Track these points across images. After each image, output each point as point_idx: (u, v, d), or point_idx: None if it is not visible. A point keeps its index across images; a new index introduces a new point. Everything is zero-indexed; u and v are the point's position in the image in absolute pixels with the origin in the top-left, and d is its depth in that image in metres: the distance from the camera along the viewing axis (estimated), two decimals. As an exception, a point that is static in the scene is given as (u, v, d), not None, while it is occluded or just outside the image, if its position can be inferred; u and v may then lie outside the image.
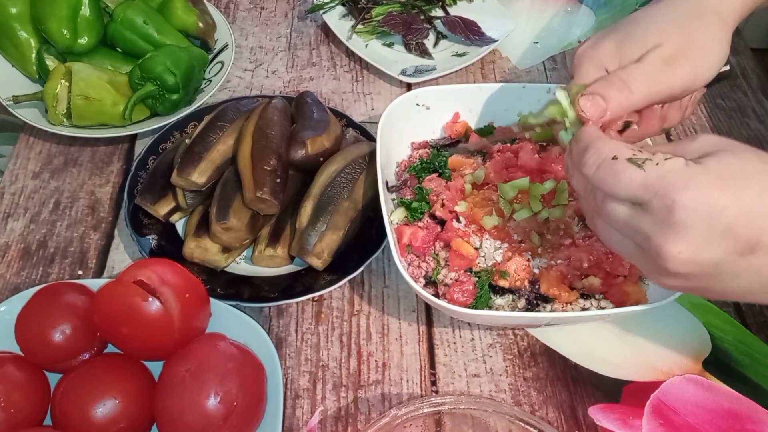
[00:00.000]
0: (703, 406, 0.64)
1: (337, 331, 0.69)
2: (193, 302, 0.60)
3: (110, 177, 0.81)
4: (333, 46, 0.98)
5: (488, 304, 0.64)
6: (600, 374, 0.67)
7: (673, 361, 0.68)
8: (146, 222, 0.73)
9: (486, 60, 0.97)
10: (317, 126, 0.75)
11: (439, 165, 0.73)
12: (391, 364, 0.67)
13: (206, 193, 0.73)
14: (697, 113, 0.93)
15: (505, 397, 0.66)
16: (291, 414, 0.64)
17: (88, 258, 0.74)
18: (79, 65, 0.81)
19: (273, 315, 0.70)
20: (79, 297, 0.61)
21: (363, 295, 0.72)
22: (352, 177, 0.73)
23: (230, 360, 0.57)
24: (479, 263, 0.65)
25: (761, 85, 0.97)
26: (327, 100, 0.91)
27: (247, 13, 1.03)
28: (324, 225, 0.69)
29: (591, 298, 0.65)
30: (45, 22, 0.82)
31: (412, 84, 0.92)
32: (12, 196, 0.79)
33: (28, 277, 0.72)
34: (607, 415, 0.64)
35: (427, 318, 0.71)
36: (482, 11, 1.00)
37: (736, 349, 0.69)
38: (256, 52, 0.97)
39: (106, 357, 0.61)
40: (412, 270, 0.67)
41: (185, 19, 0.89)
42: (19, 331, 0.59)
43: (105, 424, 0.55)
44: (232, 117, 0.76)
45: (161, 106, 0.82)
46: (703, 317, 0.71)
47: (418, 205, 0.69)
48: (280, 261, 0.71)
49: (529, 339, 0.70)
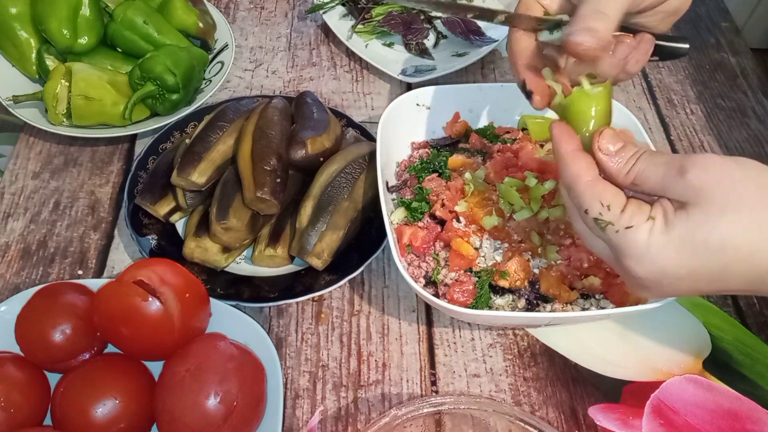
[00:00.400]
0: (703, 406, 0.64)
1: (337, 331, 0.69)
2: (193, 302, 0.60)
3: (110, 177, 0.81)
4: (333, 46, 0.98)
5: (488, 304, 0.64)
6: (600, 374, 0.67)
7: (673, 361, 0.68)
8: (146, 222, 0.73)
9: (486, 60, 0.97)
10: (317, 126, 0.75)
11: (439, 165, 0.73)
12: (391, 364, 0.67)
13: (206, 193, 0.73)
14: (697, 113, 0.93)
15: (505, 397, 0.66)
16: (291, 414, 0.64)
17: (88, 258, 0.74)
18: (79, 65, 0.81)
19: (273, 315, 0.70)
20: (79, 297, 0.61)
21: (363, 295, 0.72)
22: (352, 177, 0.73)
23: (230, 360, 0.57)
24: (479, 263, 0.65)
25: (761, 85, 0.97)
26: (327, 100, 0.91)
27: (247, 13, 1.03)
28: (324, 225, 0.69)
29: (591, 298, 0.65)
30: (45, 22, 0.82)
31: (412, 84, 0.92)
32: (12, 196, 0.79)
33: (28, 277, 0.72)
34: (607, 415, 0.64)
35: (427, 318, 0.71)
36: (482, 11, 1.00)
37: (736, 349, 0.69)
38: (256, 52, 0.97)
39: (106, 357, 0.61)
40: (412, 270, 0.67)
41: (185, 19, 0.89)
42: (19, 331, 0.59)
43: (105, 424, 0.55)
44: (232, 117, 0.76)
45: (161, 106, 0.82)
46: (703, 317, 0.71)
47: (418, 205, 0.69)
48: (280, 261, 0.71)
49: (529, 339, 0.70)
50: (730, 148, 0.89)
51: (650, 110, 0.93)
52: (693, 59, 1.00)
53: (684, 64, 1.00)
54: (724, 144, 0.89)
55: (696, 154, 0.47)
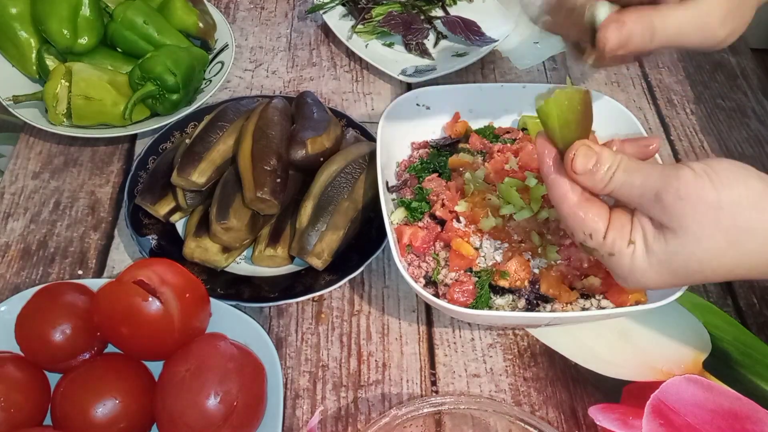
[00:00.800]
0: (703, 406, 0.64)
1: (337, 331, 0.69)
2: (193, 302, 0.60)
3: (110, 177, 0.81)
4: (333, 46, 0.98)
5: (488, 304, 0.64)
6: (600, 374, 0.67)
7: (673, 361, 0.68)
8: (146, 222, 0.73)
9: (486, 60, 0.97)
10: (317, 126, 0.75)
11: (439, 165, 0.73)
12: (391, 364, 0.67)
13: (206, 193, 0.73)
14: (697, 113, 0.93)
15: (505, 397, 0.66)
16: (291, 414, 0.64)
17: (88, 258, 0.74)
18: (80, 65, 0.81)
19: (273, 315, 0.70)
20: (79, 297, 0.61)
21: (363, 295, 0.72)
22: (352, 177, 0.73)
23: (230, 360, 0.57)
24: (479, 263, 0.65)
25: (761, 85, 0.97)
26: (327, 100, 0.91)
27: (247, 13, 1.03)
28: (324, 225, 0.69)
29: (591, 298, 0.65)
30: (45, 22, 0.82)
31: (412, 84, 0.92)
32: (12, 196, 0.79)
33: (28, 277, 0.72)
34: (607, 415, 0.64)
35: (427, 318, 0.71)
36: (482, 11, 1.00)
37: (736, 349, 0.69)
38: (256, 52, 0.97)
39: (106, 357, 0.61)
40: (412, 270, 0.67)
41: (185, 19, 0.89)
42: (19, 331, 0.59)
43: (105, 424, 0.55)
44: (232, 117, 0.76)
45: (161, 106, 0.82)
46: (703, 317, 0.71)
47: (418, 205, 0.69)
48: (280, 261, 0.71)
49: (529, 339, 0.70)
50: (730, 149, 0.89)
51: (650, 110, 0.93)
52: (693, 59, 1.00)
53: (684, 64, 1.00)
54: (724, 144, 0.89)
55: (671, 175, 0.48)
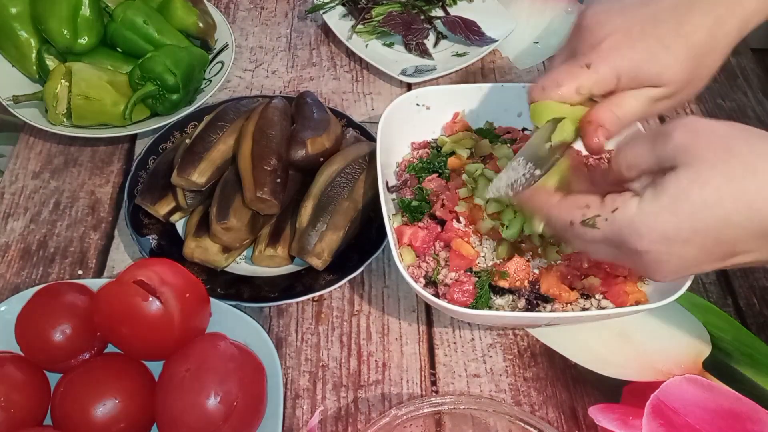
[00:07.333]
0: (703, 406, 0.64)
1: (337, 331, 0.69)
2: (193, 302, 0.60)
3: (110, 177, 0.81)
4: (333, 46, 0.98)
5: (488, 304, 0.64)
6: (600, 374, 0.67)
7: (673, 361, 0.68)
8: (146, 222, 0.73)
9: (486, 60, 0.97)
10: (317, 126, 0.75)
11: (439, 165, 0.73)
12: (391, 364, 0.67)
13: (206, 193, 0.73)
14: (697, 113, 0.93)
15: (505, 397, 0.66)
16: (291, 414, 0.64)
17: (88, 258, 0.74)
18: (79, 65, 0.81)
19: (273, 315, 0.70)
20: (79, 297, 0.61)
21: (363, 295, 0.72)
22: (352, 177, 0.73)
23: (230, 360, 0.57)
24: (479, 263, 0.65)
25: (761, 85, 0.97)
26: (327, 100, 0.91)
27: (247, 13, 1.03)
28: (324, 225, 0.69)
29: (591, 298, 0.65)
30: (45, 22, 0.82)
31: (412, 84, 0.92)
32: (12, 196, 0.79)
33: (28, 277, 0.72)
34: (607, 415, 0.64)
35: (427, 318, 0.71)
36: (482, 11, 1.00)
37: (736, 349, 0.69)
38: (256, 52, 0.97)
39: (106, 357, 0.61)
40: (412, 270, 0.67)
41: (185, 19, 0.89)
42: (19, 331, 0.59)
43: (105, 424, 0.55)
44: (232, 117, 0.76)
45: (161, 106, 0.82)
46: (703, 317, 0.71)
47: (418, 205, 0.69)
48: (280, 261, 0.71)
49: (529, 339, 0.70)
50: (730, 148, 0.89)
51: (650, 110, 0.93)
52: (693, 59, 1.00)
53: (684, 64, 1.00)
54: (724, 144, 0.89)
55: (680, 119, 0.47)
